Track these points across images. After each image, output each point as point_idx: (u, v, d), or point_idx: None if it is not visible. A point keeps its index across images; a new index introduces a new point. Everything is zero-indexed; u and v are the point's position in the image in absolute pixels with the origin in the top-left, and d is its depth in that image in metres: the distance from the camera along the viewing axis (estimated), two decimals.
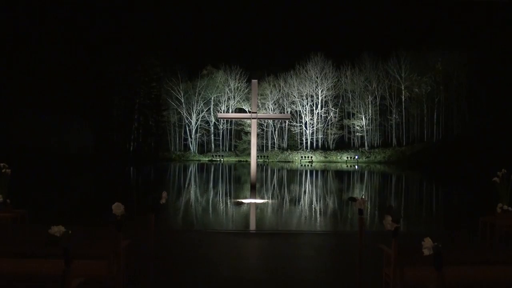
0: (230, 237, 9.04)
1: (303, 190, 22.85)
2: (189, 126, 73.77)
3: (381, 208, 14.98)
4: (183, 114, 73.20)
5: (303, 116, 73.21)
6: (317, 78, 72.17)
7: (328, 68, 71.66)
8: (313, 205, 16.00)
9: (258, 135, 64.84)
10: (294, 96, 72.70)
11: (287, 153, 71.62)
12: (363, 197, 5.34)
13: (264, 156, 69.60)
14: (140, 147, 64.85)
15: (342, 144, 73.25)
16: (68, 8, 48.35)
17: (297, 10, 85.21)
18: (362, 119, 71.64)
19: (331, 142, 73.23)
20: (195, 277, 6.04)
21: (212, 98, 73.31)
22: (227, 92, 73.91)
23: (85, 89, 50.82)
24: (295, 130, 74.21)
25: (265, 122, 73.15)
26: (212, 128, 74.68)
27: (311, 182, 28.67)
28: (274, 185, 25.46)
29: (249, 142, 55.37)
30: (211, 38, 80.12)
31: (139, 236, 6.62)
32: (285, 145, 74.45)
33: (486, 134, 49.55)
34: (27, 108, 41.64)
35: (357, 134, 72.55)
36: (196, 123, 73.58)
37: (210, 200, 17.24)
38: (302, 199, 17.88)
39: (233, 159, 69.97)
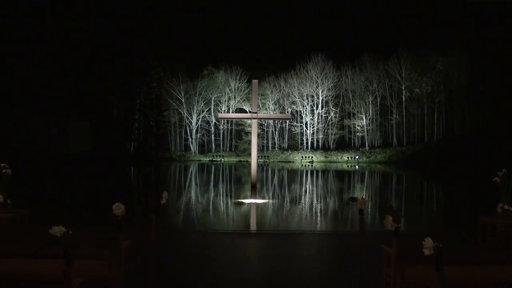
0: (231, 237, 9.04)
1: (303, 190, 22.84)
2: (189, 126, 73.77)
3: (382, 208, 14.98)
4: (184, 114, 73.20)
5: (303, 116, 73.19)
6: (317, 78, 72.16)
7: (329, 68, 71.65)
8: (313, 205, 15.99)
9: (258, 135, 64.76)
10: (295, 96, 72.68)
11: (288, 153, 71.60)
12: (363, 197, 5.33)
13: (264, 156, 69.58)
14: (141, 147, 64.86)
15: (343, 144, 73.22)
16: (68, 8, 48.35)
17: (298, 10, 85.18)
18: (362, 119, 71.61)
19: (331, 142, 73.21)
20: (195, 278, 6.04)
21: (213, 98, 73.31)
22: (228, 92, 73.90)
23: (85, 89, 50.84)
24: (295, 130, 74.18)
25: (265, 122, 73.13)
26: (212, 128, 74.67)
27: (312, 182, 28.67)
28: (274, 185, 25.45)
29: (249, 142, 55.37)
30: (212, 38, 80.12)
31: (139, 236, 6.62)
32: (285, 145, 74.43)
33: (487, 134, 49.53)
34: (27, 108, 41.65)
35: (358, 134, 72.51)
36: (196, 123, 73.58)
37: (211, 200, 17.24)
38: (302, 199, 17.88)
39: (233, 159, 69.96)
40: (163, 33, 67.73)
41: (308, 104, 73.09)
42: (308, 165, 56.99)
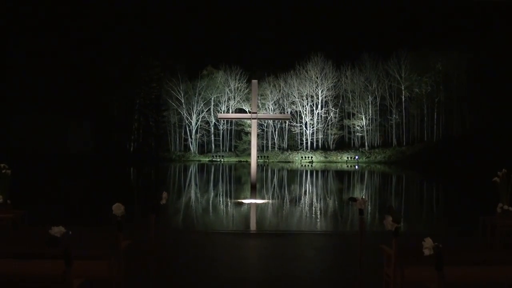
0: (231, 238, 9.04)
1: (303, 190, 22.84)
2: (189, 127, 73.76)
3: (382, 208, 14.98)
4: (183, 114, 73.19)
5: (303, 116, 73.17)
6: (317, 78, 72.14)
7: (328, 68, 71.63)
8: (313, 206, 15.99)
9: (258, 135, 64.55)
10: (294, 96, 72.66)
11: (287, 154, 71.57)
12: (363, 197, 5.34)
13: (264, 157, 69.57)
14: (140, 147, 64.86)
15: (342, 144, 73.20)
16: (68, 8, 48.34)
17: (297, 10, 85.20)
18: (362, 119, 71.61)
19: (331, 142, 73.20)
20: (195, 278, 6.04)
21: (212, 98, 73.30)
22: (227, 92, 73.89)
23: (85, 89, 50.82)
24: (295, 131, 74.16)
25: (265, 122, 73.11)
26: (212, 128, 74.65)
27: (312, 183, 28.66)
28: (274, 185, 25.45)
29: (249, 143, 55.31)
30: (212, 38, 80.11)
31: (139, 236, 6.62)
32: (285, 145, 74.42)
33: (486, 134, 49.53)
34: (27, 108, 41.63)
35: (357, 134, 72.51)
36: (196, 123, 73.57)
37: (211, 200, 17.23)
38: (302, 200, 17.87)
39: (233, 159, 69.94)
40: (163, 33, 67.67)
41: (307, 104, 73.07)
42: (308, 165, 56.98)
